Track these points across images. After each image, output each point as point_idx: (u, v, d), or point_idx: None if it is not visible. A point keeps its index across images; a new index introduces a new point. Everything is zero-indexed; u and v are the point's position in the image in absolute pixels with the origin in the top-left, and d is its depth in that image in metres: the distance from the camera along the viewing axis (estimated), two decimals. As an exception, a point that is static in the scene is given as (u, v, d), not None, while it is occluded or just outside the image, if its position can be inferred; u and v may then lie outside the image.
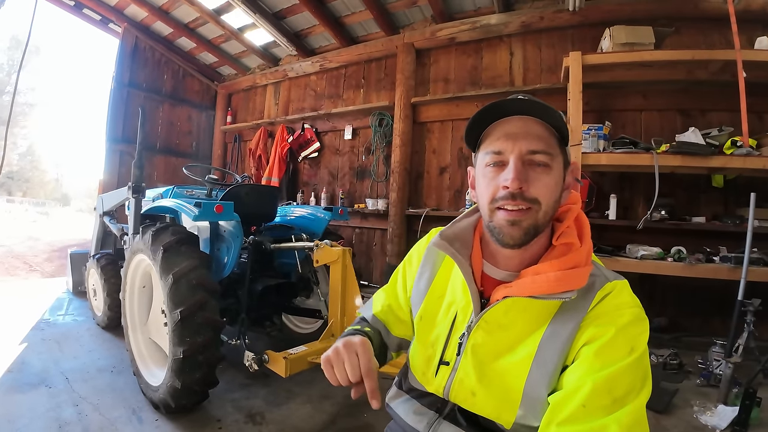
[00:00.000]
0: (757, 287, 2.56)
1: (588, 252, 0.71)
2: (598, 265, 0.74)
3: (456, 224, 0.84)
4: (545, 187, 0.68)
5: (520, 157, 0.68)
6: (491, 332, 0.73)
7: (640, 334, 0.64)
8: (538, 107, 0.69)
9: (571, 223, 0.74)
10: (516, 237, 0.69)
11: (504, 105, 0.70)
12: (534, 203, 0.68)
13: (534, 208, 0.68)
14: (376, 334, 0.92)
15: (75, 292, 4.07)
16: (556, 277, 0.66)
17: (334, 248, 2.17)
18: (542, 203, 0.68)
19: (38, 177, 31.67)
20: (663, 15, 3.33)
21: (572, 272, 0.67)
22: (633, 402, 0.58)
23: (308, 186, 5.56)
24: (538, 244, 0.74)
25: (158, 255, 1.92)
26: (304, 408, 2.14)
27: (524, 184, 0.67)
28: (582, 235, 0.73)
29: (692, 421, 2.11)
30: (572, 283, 0.66)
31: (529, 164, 0.69)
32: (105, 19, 5.66)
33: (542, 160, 0.68)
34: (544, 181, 0.68)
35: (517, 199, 0.67)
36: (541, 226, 0.70)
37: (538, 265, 0.71)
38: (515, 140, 0.69)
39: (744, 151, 2.67)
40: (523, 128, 0.69)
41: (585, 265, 0.69)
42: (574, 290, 0.66)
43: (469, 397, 0.75)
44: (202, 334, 1.81)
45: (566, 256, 0.70)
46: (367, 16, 4.51)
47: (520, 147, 0.68)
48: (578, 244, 0.71)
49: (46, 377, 2.29)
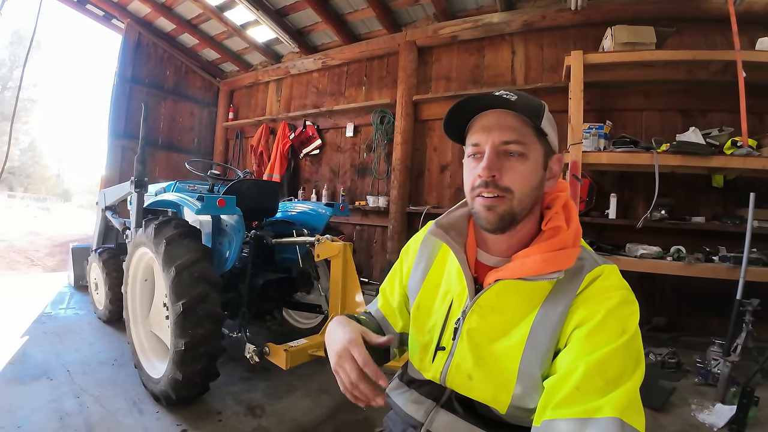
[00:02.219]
0: (756, 287, 2.58)
1: (575, 234, 0.73)
2: (587, 250, 0.76)
3: (451, 213, 0.87)
4: (518, 175, 0.72)
5: (494, 147, 0.72)
6: (485, 316, 0.75)
7: (630, 316, 0.65)
8: (511, 102, 0.72)
9: (559, 209, 0.76)
10: (492, 221, 0.73)
11: (477, 100, 0.74)
12: (506, 192, 0.71)
13: (507, 196, 0.71)
14: (372, 325, 0.93)
15: (76, 286, 4.08)
16: (543, 259, 0.69)
17: (335, 243, 2.18)
18: (515, 191, 0.71)
19: (40, 172, 31.68)
20: (665, 15, 3.34)
21: (560, 253, 0.69)
22: (626, 383, 0.59)
23: (309, 183, 5.57)
24: (524, 230, 0.76)
25: (161, 248, 1.93)
26: (303, 401, 2.16)
27: (497, 172, 0.71)
28: (569, 219, 0.75)
29: (690, 419, 2.12)
30: (560, 263, 0.68)
31: (504, 154, 0.72)
32: (108, 15, 5.67)
33: (516, 150, 0.72)
34: (518, 170, 0.72)
35: (490, 186, 0.71)
36: (518, 212, 0.73)
37: (527, 248, 0.74)
38: (489, 132, 0.73)
39: (744, 152, 2.68)
40: (497, 120, 0.73)
41: (573, 246, 0.72)
42: (561, 270, 0.68)
43: (466, 382, 0.76)
44: (203, 327, 1.83)
45: (554, 238, 0.72)
46: (370, 13, 4.52)
47: (493, 138, 0.72)
48: (565, 228, 0.73)
49: (47, 369, 2.30)
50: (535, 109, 0.72)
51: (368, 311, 1.02)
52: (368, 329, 0.83)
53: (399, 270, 0.99)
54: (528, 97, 0.73)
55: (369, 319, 0.96)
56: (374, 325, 0.96)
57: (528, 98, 0.73)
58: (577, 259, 0.71)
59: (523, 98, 0.73)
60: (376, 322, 0.98)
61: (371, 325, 0.93)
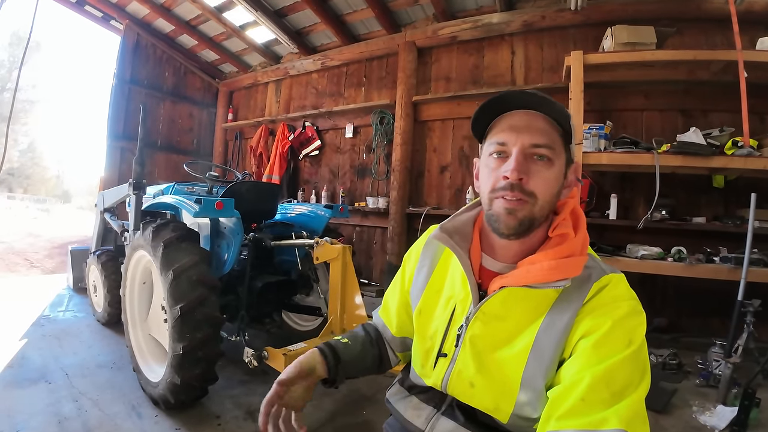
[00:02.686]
0: (757, 288, 2.56)
1: (583, 242, 0.72)
2: (594, 258, 0.74)
3: (456, 218, 0.86)
4: (544, 181, 0.70)
5: (523, 149, 0.70)
6: (489, 323, 0.74)
7: (637, 327, 0.64)
8: (545, 103, 0.70)
9: (567, 216, 0.75)
10: (511, 226, 0.70)
11: (511, 97, 0.72)
12: (530, 196, 0.69)
13: (530, 201, 0.69)
14: (356, 340, 0.95)
15: (75, 288, 4.07)
16: (550, 266, 0.67)
17: (334, 245, 2.17)
18: (539, 197, 0.70)
19: (39, 174, 31.71)
20: (665, 15, 3.32)
21: (567, 261, 0.68)
22: (632, 395, 0.58)
23: (309, 184, 5.57)
24: (535, 237, 0.75)
25: (159, 251, 1.92)
26: (303, 405, 2.14)
27: (524, 176, 0.69)
28: (577, 227, 0.74)
29: (691, 421, 2.11)
30: (567, 271, 0.67)
31: (531, 157, 0.70)
32: (106, 16, 5.66)
33: (544, 154, 0.70)
34: (543, 175, 0.70)
35: (515, 190, 0.69)
36: (537, 218, 0.71)
37: (533, 255, 0.72)
38: (519, 133, 0.70)
39: (745, 152, 2.67)
40: (528, 122, 0.71)
41: (580, 254, 0.70)
42: (568, 279, 0.67)
43: (468, 389, 0.75)
44: (201, 330, 1.82)
45: (561, 246, 0.70)
46: (369, 14, 4.51)
47: (523, 140, 0.70)
48: (572, 235, 0.72)
49: (45, 373, 2.29)
50: (566, 116, 0.71)
51: (371, 316, 1.04)
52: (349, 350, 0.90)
53: (401, 275, 0.98)
54: (556, 102, 0.72)
55: (354, 338, 0.95)
56: (360, 342, 0.95)
57: (556, 103, 0.71)
58: (584, 267, 0.69)
59: (552, 101, 0.71)
60: (363, 336, 0.97)
61: (356, 346, 0.93)
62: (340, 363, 0.87)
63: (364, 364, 0.94)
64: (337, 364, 0.87)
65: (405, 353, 0.98)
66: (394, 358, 0.99)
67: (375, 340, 0.98)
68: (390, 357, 0.98)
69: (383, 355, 0.97)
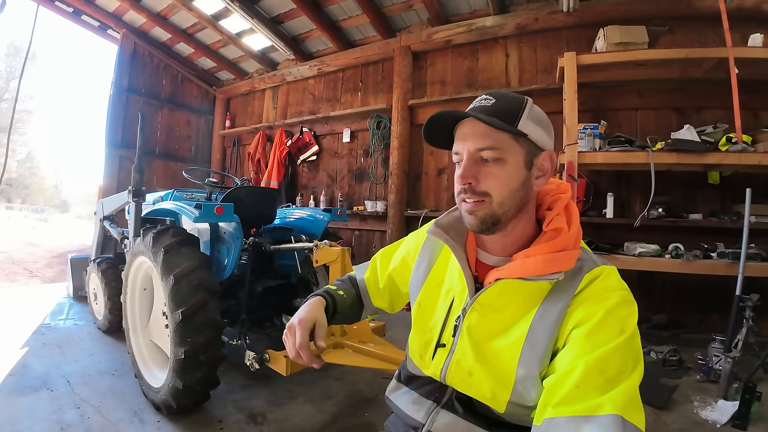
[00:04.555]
0: (755, 282, 2.59)
1: (576, 236, 0.74)
2: (587, 251, 0.77)
3: (451, 213, 0.89)
4: (496, 180, 0.73)
5: (470, 155, 0.75)
6: (485, 314, 0.76)
7: (629, 316, 0.66)
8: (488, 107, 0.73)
9: (561, 211, 0.77)
10: (474, 225, 0.76)
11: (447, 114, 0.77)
12: (485, 196, 0.74)
13: (486, 200, 0.74)
14: (349, 295, 1.04)
15: (75, 296, 4.07)
16: (544, 260, 0.70)
17: (333, 248, 2.18)
18: (493, 195, 0.73)
19: (37, 184, 31.67)
20: (657, 15, 3.37)
21: (560, 255, 0.70)
22: (626, 381, 0.59)
23: (307, 189, 5.58)
24: (517, 230, 0.78)
25: (159, 256, 1.93)
26: (305, 408, 2.15)
27: (472, 179, 0.74)
28: (570, 221, 0.76)
29: (692, 416, 2.12)
30: (560, 264, 0.69)
31: (480, 160, 0.74)
32: (104, 26, 5.70)
33: (491, 156, 0.73)
34: (495, 175, 0.73)
35: (468, 192, 0.75)
36: (499, 214, 0.74)
37: (528, 248, 0.75)
38: (465, 140, 0.75)
39: (739, 148, 2.69)
40: (471, 128, 0.75)
41: (573, 248, 0.73)
42: (562, 272, 0.69)
43: (466, 378, 0.77)
44: (203, 334, 1.82)
45: (555, 240, 0.73)
46: (364, 20, 4.56)
47: (468, 146, 0.75)
48: (566, 229, 0.74)
49: (47, 380, 2.29)
50: (512, 110, 0.73)
51: (351, 276, 1.12)
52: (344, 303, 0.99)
53: (401, 259, 1.01)
54: (506, 98, 0.74)
55: (347, 293, 1.04)
56: (351, 297, 1.04)
57: (506, 100, 0.74)
58: (576, 260, 0.72)
59: (501, 100, 0.74)
60: (354, 293, 1.07)
61: (347, 300, 1.02)
62: (336, 315, 0.98)
63: (345, 319, 1.05)
64: (333, 316, 0.97)
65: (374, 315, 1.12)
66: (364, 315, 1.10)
67: (358, 300, 1.08)
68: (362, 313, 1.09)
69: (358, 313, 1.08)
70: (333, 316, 0.96)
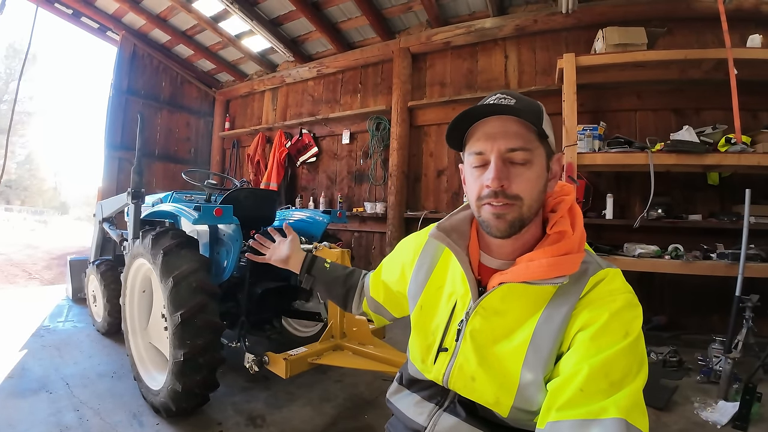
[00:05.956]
0: (755, 283, 2.58)
1: (580, 239, 0.73)
2: (591, 254, 0.76)
3: (453, 216, 0.87)
4: (526, 183, 0.70)
5: (500, 155, 0.70)
6: (488, 318, 0.75)
7: (634, 319, 0.65)
8: (514, 106, 0.71)
9: (564, 214, 0.76)
10: (502, 229, 0.72)
11: (480, 109, 0.72)
12: (516, 199, 0.70)
13: (517, 203, 0.70)
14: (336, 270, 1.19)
15: (74, 298, 4.06)
16: (548, 263, 0.68)
17: (333, 249, 2.18)
18: (524, 198, 0.71)
19: (36, 185, 31.63)
20: (656, 16, 3.37)
21: (565, 258, 0.69)
22: (630, 385, 0.59)
23: (307, 191, 5.58)
24: (528, 234, 0.76)
25: (158, 258, 1.93)
26: (304, 410, 2.14)
27: (505, 182, 0.70)
28: (574, 224, 0.75)
29: (693, 417, 2.12)
30: (565, 268, 0.68)
31: (510, 161, 0.71)
32: (103, 27, 5.69)
33: (522, 157, 0.70)
34: (525, 177, 0.70)
35: (499, 196, 0.70)
36: (527, 218, 0.72)
37: (532, 252, 0.73)
38: (494, 140, 0.71)
39: (738, 149, 2.70)
40: (501, 127, 0.71)
41: (577, 251, 0.71)
42: (566, 275, 0.68)
43: (469, 383, 0.76)
44: (202, 337, 1.82)
45: (559, 243, 0.71)
46: (363, 21, 4.56)
47: (498, 146, 0.70)
48: (570, 232, 0.73)
49: (46, 383, 2.28)
50: (537, 112, 0.72)
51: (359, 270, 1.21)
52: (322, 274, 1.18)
53: (401, 266, 1.00)
54: (526, 100, 0.73)
55: (335, 268, 1.20)
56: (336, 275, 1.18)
57: (526, 101, 0.73)
58: (581, 263, 0.71)
59: (522, 101, 0.72)
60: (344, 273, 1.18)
61: (331, 274, 1.17)
62: (310, 273, 1.16)
63: (329, 293, 1.19)
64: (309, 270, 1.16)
65: (378, 317, 1.13)
66: (356, 307, 1.15)
67: (348, 283, 1.16)
68: (354, 304, 1.15)
69: (348, 298, 1.15)
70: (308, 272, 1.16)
